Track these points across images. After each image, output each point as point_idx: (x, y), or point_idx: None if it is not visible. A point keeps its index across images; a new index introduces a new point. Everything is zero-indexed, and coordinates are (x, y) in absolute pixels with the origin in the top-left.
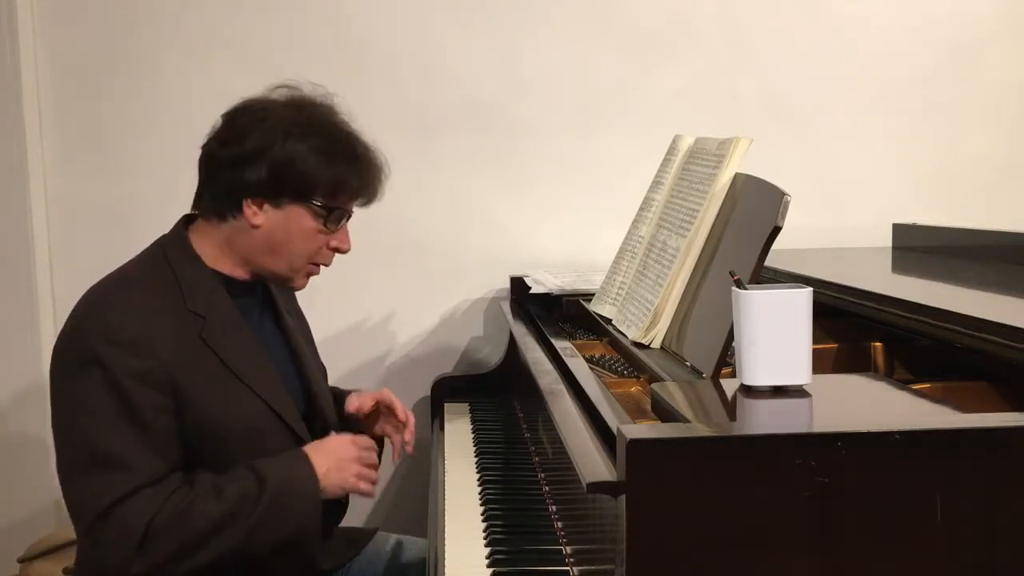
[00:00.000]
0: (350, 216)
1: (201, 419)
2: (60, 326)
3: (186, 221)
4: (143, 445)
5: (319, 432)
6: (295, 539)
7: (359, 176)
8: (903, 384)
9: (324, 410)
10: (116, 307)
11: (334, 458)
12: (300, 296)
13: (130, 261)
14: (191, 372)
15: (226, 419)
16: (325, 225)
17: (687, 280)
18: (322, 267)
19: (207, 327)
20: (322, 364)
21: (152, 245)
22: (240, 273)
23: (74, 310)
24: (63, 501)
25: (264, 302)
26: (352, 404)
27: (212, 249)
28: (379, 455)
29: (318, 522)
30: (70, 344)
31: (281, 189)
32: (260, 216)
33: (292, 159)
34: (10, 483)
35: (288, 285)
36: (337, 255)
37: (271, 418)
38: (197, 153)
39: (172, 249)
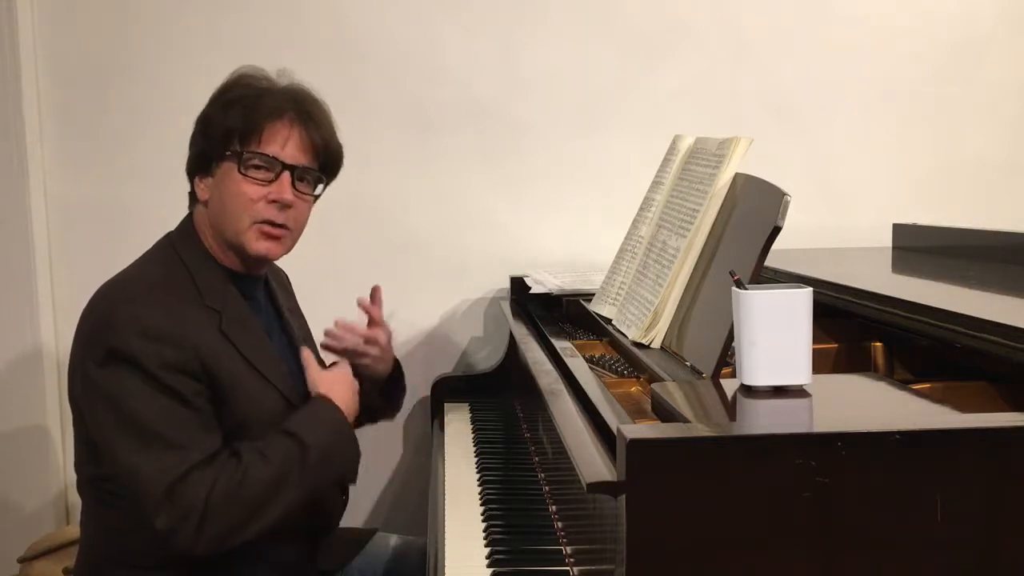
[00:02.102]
0: (288, 168)
1: (229, 408)
2: (59, 326)
3: (190, 217)
4: (194, 424)
5: None
6: (344, 478)
7: (258, 110)
8: (903, 384)
9: None
10: (145, 302)
11: (336, 383)
12: (298, 296)
13: (143, 258)
14: (219, 363)
15: (251, 409)
16: (243, 171)
17: (687, 280)
18: (281, 230)
19: (224, 321)
20: (322, 360)
21: (162, 241)
22: (238, 264)
23: (97, 305)
24: (62, 501)
25: (267, 300)
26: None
27: (209, 238)
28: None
29: (358, 454)
30: (103, 339)
31: (208, 157)
32: (205, 190)
33: (204, 121)
34: (10, 483)
35: (247, 252)
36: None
37: (285, 408)
38: None
39: (182, 246)
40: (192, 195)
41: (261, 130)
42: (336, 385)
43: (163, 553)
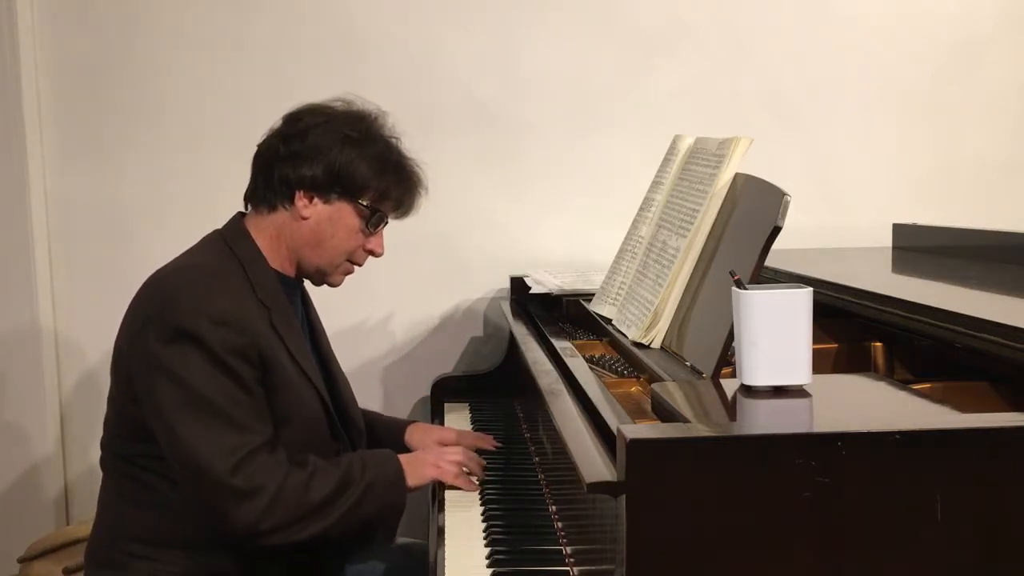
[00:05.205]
0: (387, 224)
1: (276, 401)
2: (59, 325)
3: (240, 216)
4: (253, 410)
5: (344, 425)
6: (375, 523)
7: (404, 188)
8: (903, 384)
9: (348, 404)
10: (209, 288)
11: (415, 456)
12: None
13: (194, 249)
14: (272, 355)
15: (293, 406)
16: (367, 225)
17: (687, 280)
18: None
19: (273, 317)
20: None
21: (211, 238)
22: (289, 268)
23: (156, 289)
24: (62, 501)
25: (302, 305)
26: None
27: (267, 242)
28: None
29: (401, 510)
30: (169, 318)
31: (332, 186)
32: (309, 208)
33: (348, 162)
34: (10, 483)
35: (326, 280)
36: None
37: (321, 409)
38: (198, 153)
39: (236, 243)
40: (256, 195)
41: (402, 207)
42: (412, 456)
43: (183, 531)
